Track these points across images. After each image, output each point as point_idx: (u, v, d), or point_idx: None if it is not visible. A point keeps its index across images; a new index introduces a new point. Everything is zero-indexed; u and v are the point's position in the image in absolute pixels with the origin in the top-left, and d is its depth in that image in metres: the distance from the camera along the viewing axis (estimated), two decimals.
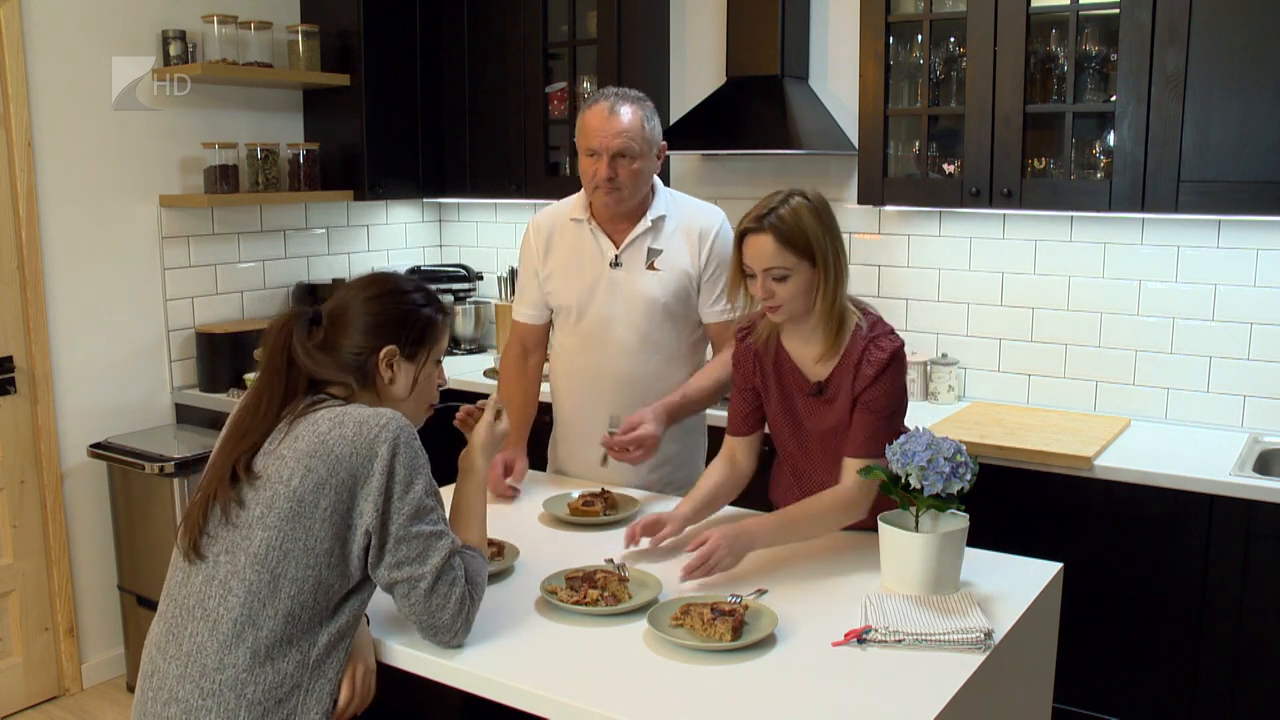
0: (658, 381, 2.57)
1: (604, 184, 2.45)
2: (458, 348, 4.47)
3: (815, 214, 2.05)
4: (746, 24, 3.54)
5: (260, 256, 4.09)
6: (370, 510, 1.62)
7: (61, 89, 3.46)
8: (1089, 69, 3.03)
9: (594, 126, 2.44)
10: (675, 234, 2.56)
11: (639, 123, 2.45)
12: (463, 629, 1.70)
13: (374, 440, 1.62)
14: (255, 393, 1.73)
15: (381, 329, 1.76)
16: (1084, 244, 3.30)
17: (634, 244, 2.54)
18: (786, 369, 2.21)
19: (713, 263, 2.55)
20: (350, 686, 1.70)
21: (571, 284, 2.59)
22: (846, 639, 1.73)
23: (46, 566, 3.53)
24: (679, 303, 2.56)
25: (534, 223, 2.67)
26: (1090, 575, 2.79)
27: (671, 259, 2.54)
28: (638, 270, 2.54)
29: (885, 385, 2.10)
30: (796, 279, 2.05)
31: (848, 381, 2.12)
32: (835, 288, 2.07)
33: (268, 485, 1.62)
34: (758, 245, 2.04)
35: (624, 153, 2.43)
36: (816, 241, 2.04)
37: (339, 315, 1.77)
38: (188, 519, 1.68)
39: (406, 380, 1.79)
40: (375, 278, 1.84)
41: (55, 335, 3.49)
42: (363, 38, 3.98)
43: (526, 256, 2.68)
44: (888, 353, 2.09)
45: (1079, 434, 3.02)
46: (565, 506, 2.38)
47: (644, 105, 2.50)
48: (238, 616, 1.59)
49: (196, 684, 1.59)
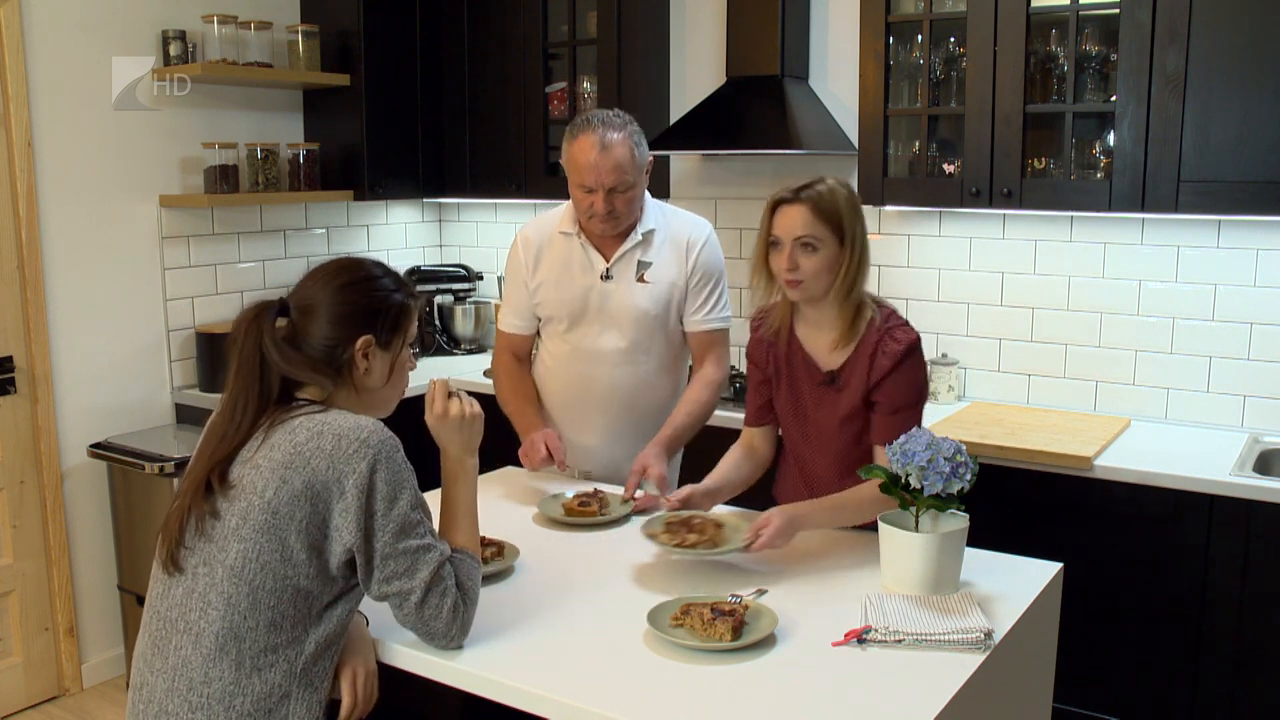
0: (647, 391, 2.61)
1: (601, 215, 2.47)
2: (458, 347, 4.47)
3: (848, 198, 2.12)
4: (746, 24, 3.54)
5: (260, 256, 4.08)
6: (352, 527, 1.59)
7: (61, 89, 3.46)
8: (1089, 69, 3.03)
9: (585, 163, 2.43)
10: (664, 246, 2.58)
11: (629, 154, 2.44)
12: (459, 633, 1.70)
13: (352, 455, 1.59)
14: (230, 397, 1.67)
15: (355, 319, 1.71)
16: (1084, 244, 3.30)
17: (624, 257, 2.56)
18: (798, 359, 2.23)
19: (698, 272, 2.58)
20: (352, 691, 1.69)
21: (562, 295, 2.60)
22: (846, 639, 1.73)
23: (46, 566, 3.53)
24: (667, 313, 2.58)
25: (522, 235, 2.67)
26: (1090, 575, 2.79)
27: (660, 271, 2.56)
28: (628, 282, 2.56)
29: (906, 379, 2.12)
30: (824, 253, 2.09)
31: (861, 371, 2.14)
32: (855, 273, 2.12)
33: (243, 496, 1.60)
34: (791, 214, 2.10)
35: (618, 187, 2.44)
36: (847, 221, 2.10)
37: (308, 307, 1.71)
38: (165, 530, 1.65)
39: (383, 369, 1.75)
40: (342, 266, 1.77)
41: (55, 335, 3.49)
42: (363, 38, 3.98)
43: (514, 269, 2.68)
44: (904, 345, 2.12)
45: (1079, 434, 3.02)
46: (560, 507, 2.38)
47: (630, 129, 2.48)
48: (219, 630, 1.57)
49: (184, 698, 1.58)
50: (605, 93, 3.82)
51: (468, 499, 1.82)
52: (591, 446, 2.68)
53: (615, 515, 2.35)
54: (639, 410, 2.62)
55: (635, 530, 2.30)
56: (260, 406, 1.66)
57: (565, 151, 2.49)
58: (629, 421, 2.65)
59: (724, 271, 2.65)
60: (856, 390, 2.15)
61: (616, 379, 2.60)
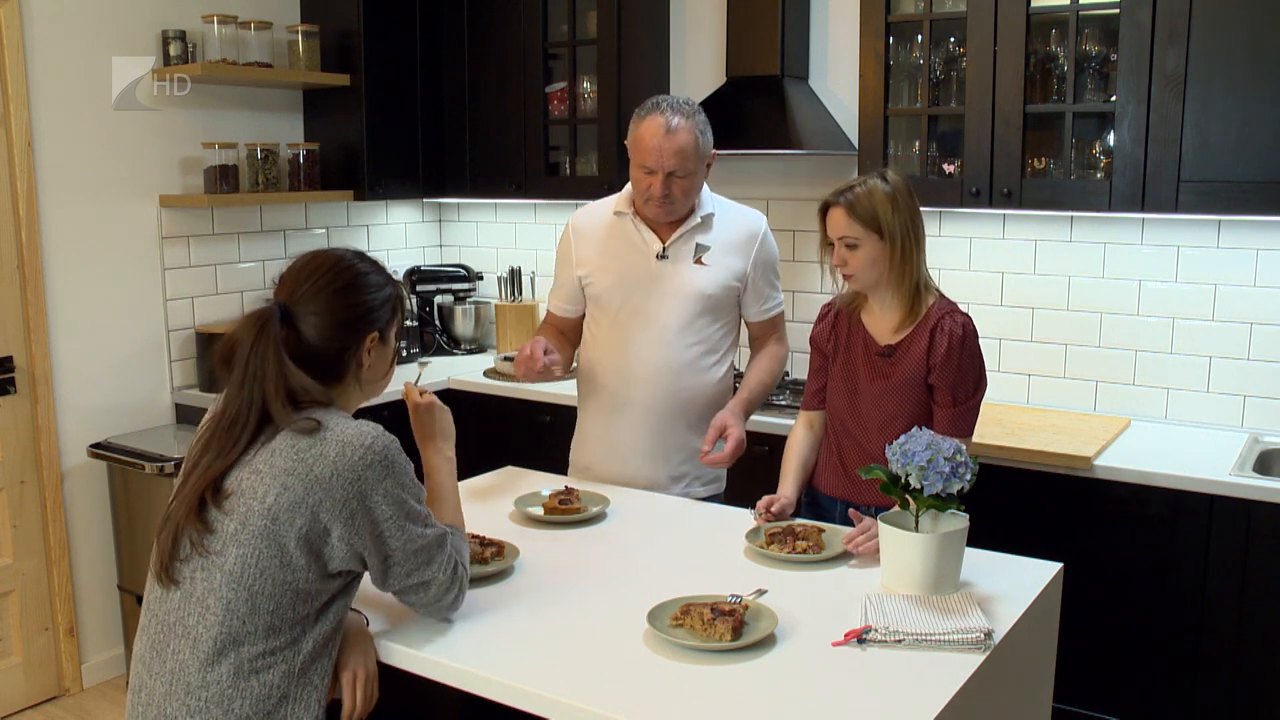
0: (693, 375, 2.61)
1: (657, 199, 2.50)
2: (458, 347, 4.47)
3: (888, 195, 2.24)
4: (746, 24, 3.54)
5: (260, 257, 4.09)
6: (363, 533, 1.61)
7: (61, 89, 3.46)
8: (1089, 69, 3.03)
9: (649, 145, 2.47)
10: (724, 232, 2.61)
11: (693, 141, 2.48)
12: (460, 601, 1.79)
13: (358, 464, 1.60)
14: (230, 410, 1.65)
15: (360, 320, 1.72)
16: (1084, 244, 3.30)
17: (682, 238, 2.59)
18: (858, 336, 2.37)
19: (759, 265, 2.63)
20: (352, 692, 1.69)
21: (612, 273, 2.64)
22: (846, 639, 1.73)
23: (46, 566, 3.53)
24: (722, 298, 2.60)
25: (572, 222, 2.74)
26: (1090, 575, 2.79)
27: (720, 256, 2.59)
28: (685, 264, 2.59)
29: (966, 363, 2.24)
30: (865, 249, 2.24)
31: (920, 347, 2.26)
32: (904, 262, 2.25)
33: (242, 501, 1.59)
34: (833, 217, 2.28)
35: (678, 172, 2.47)
36: (884, 218, 2.23)
37: (309, 314, 1.69)
38: (159, 543, 1.64)
39: (384, 362, 1.80)
40: (333, 266, 1.74)
41: (55, 335, 3.49)
42: (363, 38, 3.97)
43: (562, 253, 2.75)
44: (963, 326, 2.24)
45: (1079, 434, 3.02)
46: (541, 506, 2.37)
47: (697, 119, 2.51)
48: (217, 635, 1.57)
49: (183, 701, 1.58)
50: (605, 93, 3.82)
51: (452, 482, 1.96)
52: (633, 431, 2.64)
53: (599, 510, 2.37)
54: (683, 394, 2.60)
55: (635, 530, 2.31)
56: (263, 419, 1.63)
57: (631, 132, 2.53)
58: (673, 405, 2.61)
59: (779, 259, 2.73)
60: (913, 364, 2.27)
61: (663, 359, 2.60)
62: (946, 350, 2.23)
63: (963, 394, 2.26)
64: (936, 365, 2.24)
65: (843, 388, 2.39)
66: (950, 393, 2.26)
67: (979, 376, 2.29)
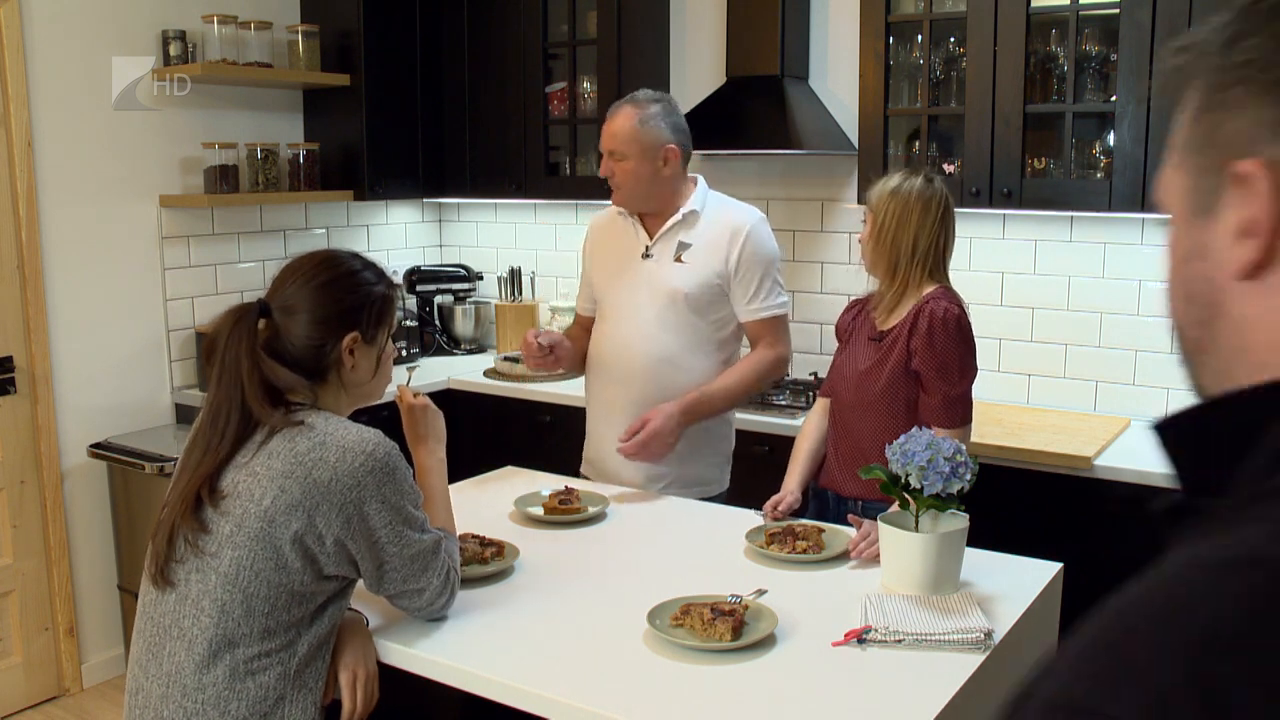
0: (677, 371, 2.60)
1: (609, 180, 2.58)
2: (458, 348, 4.47)
3: (887, 192, 2.32)
4: (746, 24, 3.54)
5: (260, 257, 4.08)
6: (359, 539, 1.61)
7: (61, 89, 3.46)
8: (1089, 69, 3.03)
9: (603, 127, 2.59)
10: (708, 230, 2.61)
11: (628, 125, 2.53)
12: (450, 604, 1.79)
13: (358, 470, 1.59)
14: (212, 407, 1.64)
15: (339, 317, 1.70)
16: (1084, 244, 3.30)
17: (665, 236, 2.61)
18: (863, 321, 2.44)
19: (744, 263, 2.57)
20: (352, 693, 1.69)
21: (607, 271, 2.71)
22: (846, 639, 1.73)
23: (46, 566, 3.53)
24: (702, 295, 2.58)
25: (590, 222, 2.83)
26: (1090, 575, 2.78)
27: (699, 254, 2.59)
28: (666, 261, 2.61)
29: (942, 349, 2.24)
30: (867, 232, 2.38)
31: (904, 331, 2.30)
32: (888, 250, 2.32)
33: (238, 503, 1.58)
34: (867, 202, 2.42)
35: (613, 153, 2.54)
36: (876, 208, 2.33)
37: (289, 308, 1.70)
38: (154, 544, 1.64)
39: (369, 364, 1.75)
40: (321, 262, 1.75)
41: (55, 335, 3.49)
42: (363, 38, 3.97)
43: (583, 254, 2.84)
44: (942, 312, 2.25)
45: (1079, 434, 3.01)
46: (541, 506, 2.37)
47: (649, 108, 2.54)
48: (212, 637, 1.57)
49: (179, 704, 1.58)
50: (605, 93, 3.82)
51: (443, 484, 1.96)
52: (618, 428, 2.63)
53: (600, 509, 2.36)
54: (666, 390, 2.60)
55: (635, 530, 2.31)
56: (244, 415, 1.62)
57: None
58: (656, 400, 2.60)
59: (774, 259, 2.64)
60: (900, 351, 2.28)
61: (647, 353, 2.61)
62: (927, 331, 2.24)
63: (947, 380, 2.25)
64: (918, 349, 2.26)
65: (844, 373, 2.43)
66: (933, 377, 2.25)
67: (964, 363, 2.27)
